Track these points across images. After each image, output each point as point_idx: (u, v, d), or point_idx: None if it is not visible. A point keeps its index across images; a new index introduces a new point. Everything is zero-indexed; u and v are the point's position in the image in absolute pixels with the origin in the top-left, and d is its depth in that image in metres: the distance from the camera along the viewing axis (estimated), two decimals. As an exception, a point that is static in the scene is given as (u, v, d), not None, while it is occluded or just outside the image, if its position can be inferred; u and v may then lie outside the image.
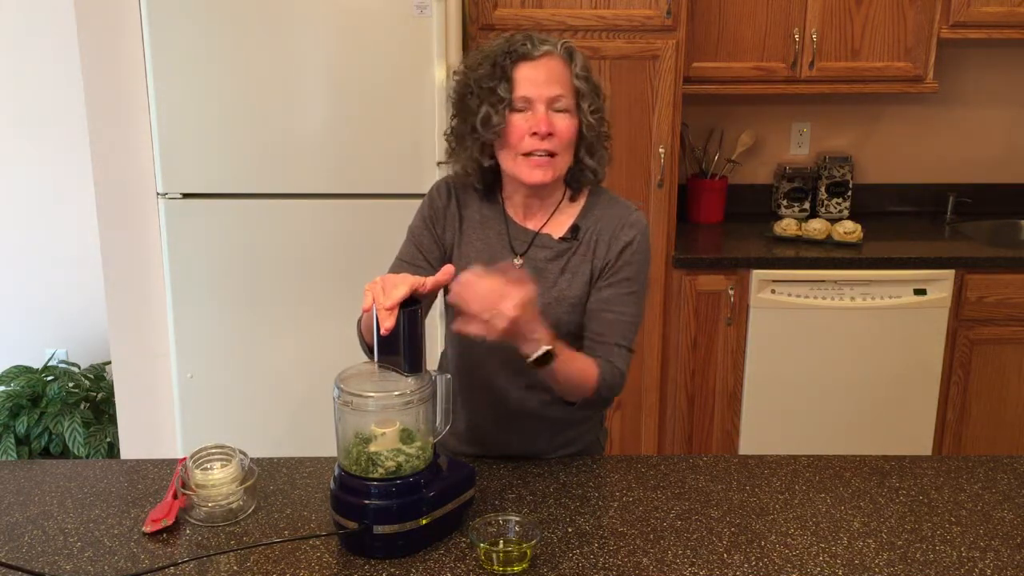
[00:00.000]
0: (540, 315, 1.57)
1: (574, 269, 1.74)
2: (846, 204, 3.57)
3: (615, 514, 1.57)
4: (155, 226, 2.80)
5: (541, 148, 1.67)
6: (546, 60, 1.68)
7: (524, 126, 1.67)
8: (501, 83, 1.66)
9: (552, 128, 1.66)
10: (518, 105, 1.67)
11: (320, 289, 2.80)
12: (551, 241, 1.76)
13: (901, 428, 3.23)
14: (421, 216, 1.82)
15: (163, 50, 2.63)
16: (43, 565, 1.43)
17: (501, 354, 1.70)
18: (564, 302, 1.73)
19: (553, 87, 1.67)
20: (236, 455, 1.60)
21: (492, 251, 1.77)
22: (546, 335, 1.56)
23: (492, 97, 1.67)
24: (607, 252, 1.73)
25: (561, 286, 1.73)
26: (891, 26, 3.20)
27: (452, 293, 1.50)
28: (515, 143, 1.68)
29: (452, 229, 1.80)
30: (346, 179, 2.73)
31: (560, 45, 1.70)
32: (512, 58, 1.67)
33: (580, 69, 1.69)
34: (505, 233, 1.78)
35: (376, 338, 1.44)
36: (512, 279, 1.50)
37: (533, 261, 1.75)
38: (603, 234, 1.74)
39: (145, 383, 2.97)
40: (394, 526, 1.43)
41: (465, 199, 1.81)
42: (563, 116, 1.68)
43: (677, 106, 3.00)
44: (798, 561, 1.45)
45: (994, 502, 1.63)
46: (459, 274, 1.54)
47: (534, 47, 1.67)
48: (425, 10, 2.60)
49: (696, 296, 3.13)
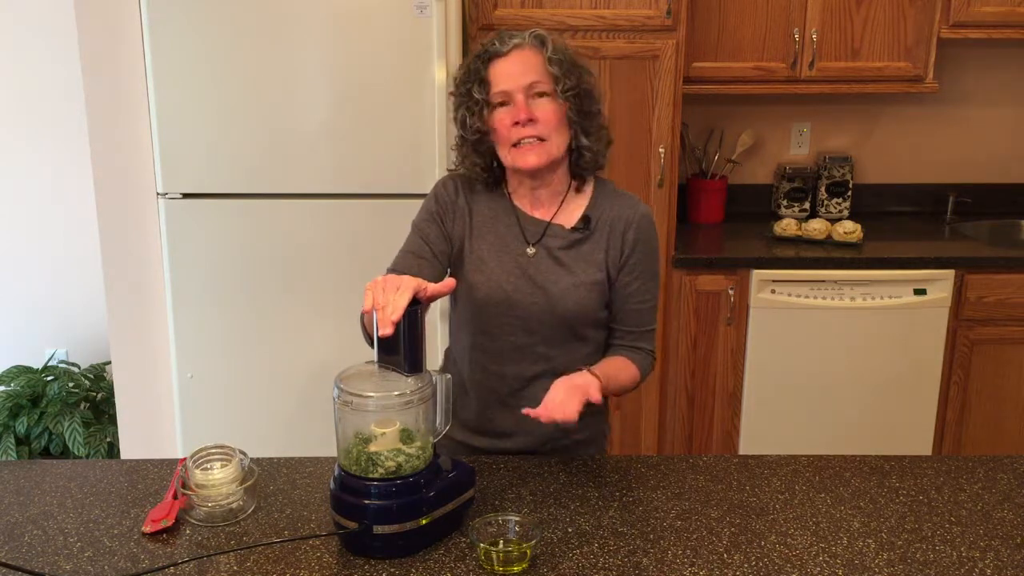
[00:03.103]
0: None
1: (587, 256, 1.80)
2: (846, 204, 3.58)
3: (615, 514, 1.57)
4: (155, 226, 2.80)
5: (527, 135, 1.72)
6: (516, 52, 1.73)
7: (507, 119, 1.72)
8: (475, 85, 1.74)
9: (532, 114, 1.71)
10: (499, 100, 1.73)
11: (320, 289, 2.80)
12: (563, 231, 1.80)
13: (901, 428, 3.23)
14: (427, 211, 1.85)
15: (163, 50, 2.62)
16: (43, 565, 1.43)
17: (515, 343, 1.79)
18: (581, 287, 1.78)
19: (528, 75, 1.72)
20: (236, 455, 1.60)
21: (505, 242, 1.81)
22: (594, 382, 1.64)
23: (468, 100, 1.75)
24: (621, 244, 1.80)
25: (577, 273, 1.79)
26: (891, 26, 3.20)
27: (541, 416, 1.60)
28: (504, 136, 1.74)
29: (462, 223, 1.83)
30: (346, 179, 2.73)
31: (529, 35, 1.74)
32: (484, 59, 1.74)
33: (552, 52, 1.73)
34: (516, 224, 1.82)
35: (376, 339, 1.44)
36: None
37: (547, 250, 1.80)
38: (615, 225, 1.80)
39: (145, 383, 2.97)
40: (394, 526, 1.43)
41: (472, 193, 1.85)
42: (544, 100, 1.73)
43: (677, 106, 3.00)
44: (798, 561, 1.45)
45: (994, 502, 1.63)
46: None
47: (503, 43, 1.74)
48: (425, 10, 2.60)
49: (696, 296, 3.13)
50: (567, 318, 1.78)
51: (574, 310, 1.78)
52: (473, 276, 1.80)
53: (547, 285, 1.78)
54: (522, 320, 1.78)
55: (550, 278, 1.78)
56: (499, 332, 1.80)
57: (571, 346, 1.81)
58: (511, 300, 1.78)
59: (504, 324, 1.79)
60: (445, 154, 2.66)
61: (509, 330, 1.79)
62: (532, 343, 1.80)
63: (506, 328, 1.79)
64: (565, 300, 1.77)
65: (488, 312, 1.79)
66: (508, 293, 1.78)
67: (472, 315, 1.82)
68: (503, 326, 1.79)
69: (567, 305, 1.77)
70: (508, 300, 1.78)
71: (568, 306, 1.77)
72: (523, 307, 1.78)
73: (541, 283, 1.78)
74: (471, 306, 1.81)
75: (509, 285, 1.78)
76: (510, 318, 1.78)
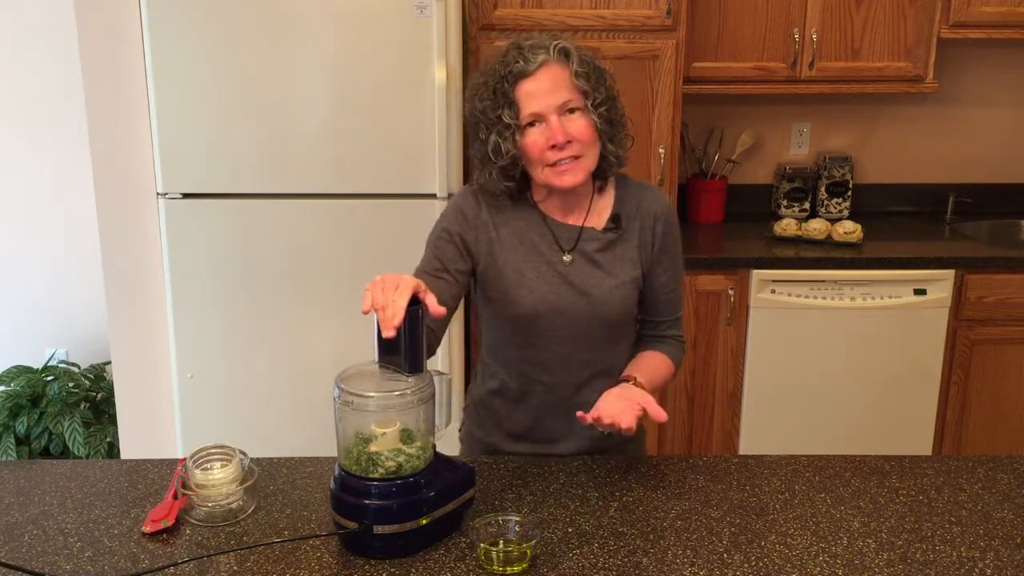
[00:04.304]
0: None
1: (622, 254, 1.79)
2: (846, 204, 3.58)
3: (615, 514, 1.57)
4: (155, 226, 2.81)
5: (564, 156, 1.68)
6: (544, 70, 1.67)
7: (542, 140, 1.68)
8: (505, 110, 1.68)
9: (568, 135, 1.67)
10: (530, 122, 1.68)
11: (320, 289, 2.80)
12: (596, 233, 1.79)
13: (901, 428, 3.23)
14: (444, 227, 1.79)
15: (163, 50, 2.63)
16: (43, 565, 1.43)
17: (562, 352, 1.78)
18: (624, 287, 1.78)
19: (558, 94, 1.67)
20: (236, 455, 1.60)
21: (540, 252, 1.78)
22: (649, 399, 1.65)
23: (499, 125, 1.68)
24: (652, 237, 1.80)
25: (616, 273, 1.78)
26: (891, 26, 3.20)
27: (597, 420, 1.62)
28: (538, 158, 1.69)
29: (487, 238, 1.78)
30: (346, 179, 2.73)
31: (553, 48, 1.68)
32: (510, 80, 1.68)
33: (578, 65, 1.68)
34: (548, 232, 1.79)
35: (377, 339, 1.44)
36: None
37: (584, 255, 1.78)
38: (645, 220, 1.80)
39: (145, 383, 2.97)
40: (394, 526, 1.43)
41: (495, 205, 1.79)
42: (577, 117, 1.68)
43: (677, 106, 3.00)
44: (798, 561, 1.45)
45: (994, 502, 1.63)
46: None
47: (527, 61, 1.67)
48: (425, 10, 2.60)
49: (696, 296, 3.13)
50: (611, 320, 1.77)
51: (617, 311, 1.77)
52: (514, 291, 1.76)
53: (589, 290, 1.76)
54: (567, 328, 1.76)
55: (591, 282, 1.76)
56: (545, 343, 1.77)
57: (613, 347, 1.81)
58: (557, 310, 1.75)
59: (550, 335, 1.77)
60: (445, 154, 2.66)
61: (556, 340, 1.77)
62: (578, 349, 1.78)
63: (552, 339, 1.77)
64: (609, 302, 1.76)
65: (533, 325, 1.76)
66: (552, 303, 1.75)
67: (516, 329, 1.79)
68: (550, 337, 1.77)
69: (612, 307, 1.76)
70: (554, 310, 1.75)
71: (612, 307, 1.76)
72: (568, 315, 1.75)
73: (583, 289, 1.76)
74: (514, 320, 1.78)
75: (552, 295, 1.75)
76: (556, 327, 1.76)
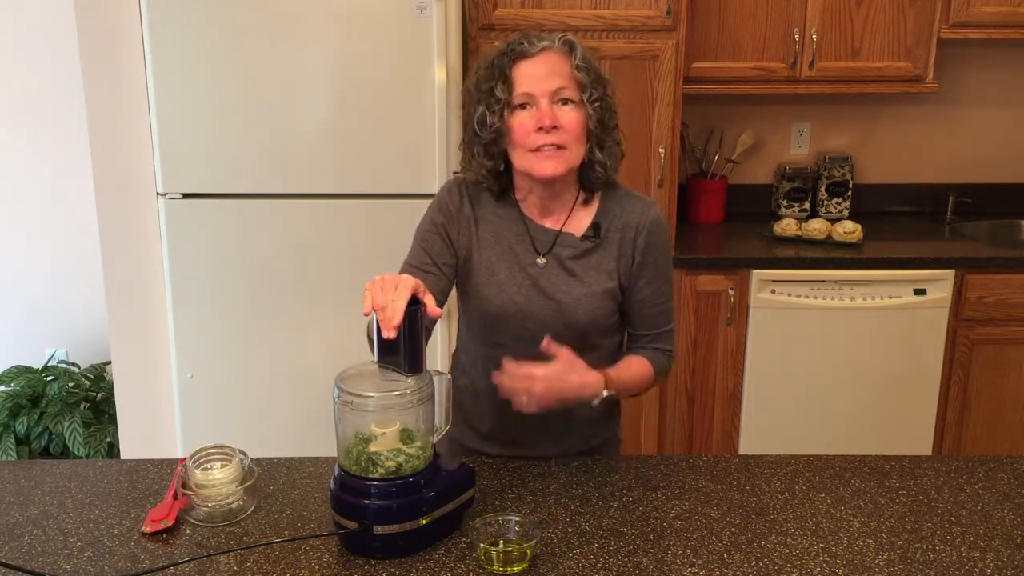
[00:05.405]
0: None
1: (598, 264, 1.76)
2: (846, 204, 3.57)
3: (615, 514, 1.57)
4: (155, 226, 2.80)
5: (548, 142, 1.66)
6: (544, 55, 1.67)
7: (529, 122, 1.66)
8: (498, 83, 1.67)
9: (556, 121, 1.65)
10: (521, 102, 1.67)
11: (320, 289, 2.80)
12: (574, 240, 1.77)
13: (901, 428, 3.23)
14: (431, 219, 1.80)
15: (163, 50, 2.63)
16: (43, 565, 1.43)
17: (527, 355, 1.71)
18: (595, 297, 1.75)
19: (554, 80, 1.66)
20: (236, 455, 1.60)
21: (514, 253, 1.77)
22: (595, 378, 1.64)
23: (490, 98, 1.67)
24: (632, 250, 1.76)
25: (589, 282, 1.75)
26: (891, 26, 3.20)
27: (501, 385, 1.61)
28: (522, 140, 1.67)
29: (467, 232, 1.78)
30: (346, 179, 2.73)
31: (558, 39, 1.69)
32: (510, 57, 1.67)
33: (580, 60, 1.68)
34: (525, 233, 1.77)
35: (377, 339, 1.44)
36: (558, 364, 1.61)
37: (558, 259, 1.76)
38: (626, 231, 1.76)
39: (145, 383, 2.97)
40: (394, 526, 1.43)
41: (478, 200, 1.79)
42: (568, 108, 1.67)
43: (677, 106, 2.99)
44: (798, 561, 1.45)
45: (994, 502, 1.63)
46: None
47: (531, 45, 1.67)
48: (425, 10, 2.60)
49: (696, 296, 3.13)
50: (579, 328, 1.74)
51: (585, 320, 1.74)
52: (484, 288, 1.76)
53: (559, 296, 1.74)
54: (533, 332, 1.73)
55: (561, 288, 1.74)
56: (511, 344, 1.74)
57: (582, 356, 1.76)
58: (523, 312, 1.74)
59: (516, 336, 1.75)
60: (445, 154, 2.66)
61: (523, 342, 1.74)
62: (543, 354, 1.77)
63: (517, 340, 1.75)
64: (577, 310, 1.73)
65: (499, 324, 1.76)
66: (520, 305, 1.74)
67: (483, 327, 1.79)
68: (515, 338, 1.75)
69: (579, 315, 1.73)
70: (520, 312, 1.74)
71: (580, 316, 1.73)
72: (535, 319, 1.74)
73: (552, 294, 1.74)
74: (482, 318, 1.78)
75: (520, 297, 1.74)
76: (522, 330, 1.74)
